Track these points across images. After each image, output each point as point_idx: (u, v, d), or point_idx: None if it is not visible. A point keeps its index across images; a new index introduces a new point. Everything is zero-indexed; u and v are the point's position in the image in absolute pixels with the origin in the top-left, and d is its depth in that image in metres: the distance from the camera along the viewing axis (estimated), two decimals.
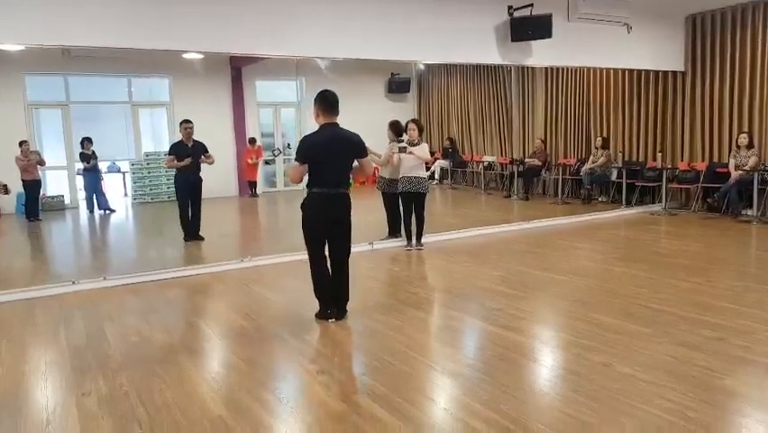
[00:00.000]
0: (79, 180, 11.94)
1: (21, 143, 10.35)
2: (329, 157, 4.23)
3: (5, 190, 9.59)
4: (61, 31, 5.33)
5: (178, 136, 7.94)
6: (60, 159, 12.25)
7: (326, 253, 4.47)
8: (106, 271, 6.27)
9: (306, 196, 4.34)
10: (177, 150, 7.68)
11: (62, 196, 12.15)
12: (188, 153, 7.61)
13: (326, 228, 4.36)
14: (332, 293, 4.50)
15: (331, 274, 4.49)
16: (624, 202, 10.06)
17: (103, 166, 12.22)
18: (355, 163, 4.44)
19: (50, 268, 7.19)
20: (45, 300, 5.29)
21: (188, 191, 7.71)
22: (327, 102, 4.30)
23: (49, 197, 11.81)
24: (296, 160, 4.33)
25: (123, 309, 5.03)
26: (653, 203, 9.98)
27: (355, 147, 4.38)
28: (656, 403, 3.01)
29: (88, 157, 11.13)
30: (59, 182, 12.33)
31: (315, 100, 4.33)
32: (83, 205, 11.82)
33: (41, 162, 10.69)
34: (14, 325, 4.67)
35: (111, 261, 7.55)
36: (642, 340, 3.92)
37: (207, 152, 7.83)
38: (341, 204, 4.35)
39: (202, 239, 7.83)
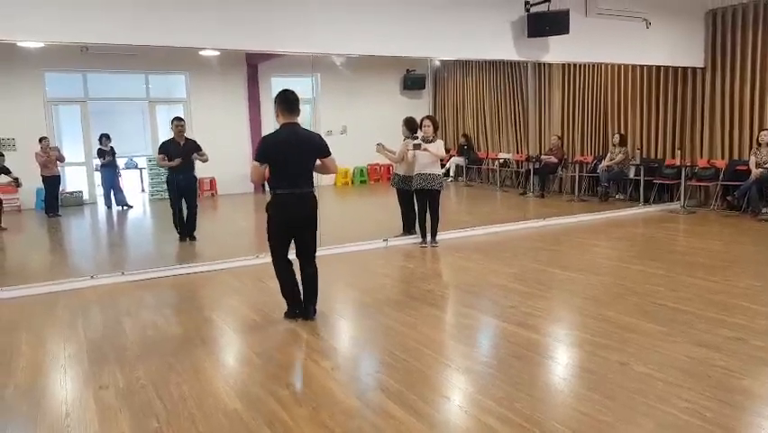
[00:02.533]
0: (97, 176, 12.08)
1: (40, 140, 10.49)
2: (289, 157, 4.17)
3: (17, 183, 9.75)
4: (80, 28, 5.39)
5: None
6: (79, 155, 12.40)
7: (292, 255, 4.41)
8: (124, 267, 6.34)
9: (270, 197, 4.30)
10: (167, 148, 7.46)
11: (81, 192, 12.30)
12: (179, 152, 7.41)
13: (291, 229, 4.31)
14: (303, 295, 4.46)
15: (301, 276, 4.46)
16: (642, 200, 9.95)
17: (120, 162, 12.35)
18: (318, 162, 4.37)
19: (69, 263, 7.30)
20: (64, 294, 5.37)
21: (180, 190, 7.52)
22: (288, 102, 4.26)
23: (67, 192, 11.96)
24: (255, 160, 4.25)
25: (141, 304, 5.09)
26: (672, 201, 9.85)
27: (316, 147, 4.33)
28: (673, 403, 2.98)
29: (105, 153, 11.26)
30: (77, 178, 12.49)
31: (275, 100, 4.30)
32: (101, 201, 11.97)
33: (61, 158, 10.83)
34: (35, 318, 4.75)
35: (128, 256, 7.64)
36: (659, 339, 3.88)
37: (201, 149, 7.63)
38: (306, 204, 4.29)
39: (194, 239, 7.68)
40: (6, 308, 5.02)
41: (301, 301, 4.46)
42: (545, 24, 7.43)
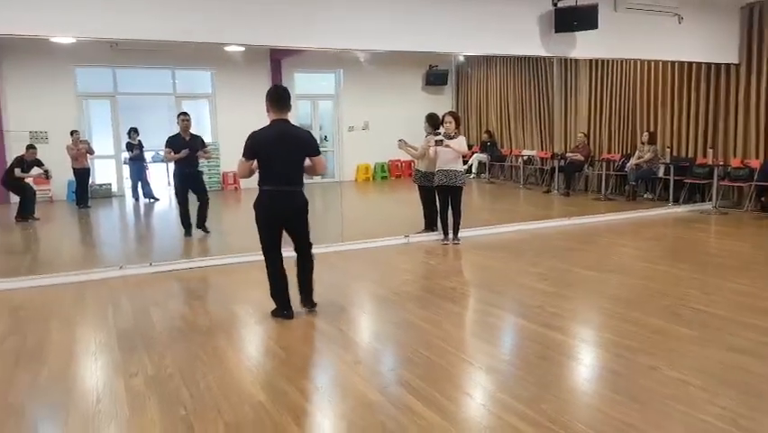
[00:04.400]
0: (126, 169, 12.28)
1: (71, 133, 10.74)
2: (278, 153, 4.14)
3: (47, 175, 9.97)
4: (110, 24, 5.48)
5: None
6: (108, 148, 12.63)
7: (282, 252, 4.38)
8: (151, 258, 6.44)
9: (258, 194, 4.26)
10: (173, 143, 7.53)
11: (110, 184, 12.54)
12: (185, 146, 7.47)
13: (279, 225, 4.27)
14: (299, 286, 4.46)
15: (296, 267, 4.44)
16: (671, 200, 9.75)
17: (148, 156, 12.53)
18: (307, 162, 4.34)
19: (98, 253, 7.44)
20: (94, 284, 5.47)
21: (187, 185, 7.58)
22: (278, 98, 4.23)
23: (97, 185, 12.20)
24: (242, 156, 4.22)
25: (168, 294, 5.17)
26: (703, 201, 9.64)
27: (305, 145, 4.29)
28: (706, 409, 2.91)
29: (134, 146, 11.45)
30: (107, 171, 12.72)
31: (266, 95, 4.27)
32: (129, 193, 12.17)
33: (90, 151, 11.05)
34: (66, 306, 4.85)
35: (156, 247, 7.75)
36: (690, 343, 3.80)
37: (206, 145, 7.74)
38: (291, 201, 4.24)
39: (207, 232, 7.75)
40: (39, 295, 5.14)
41: (290, 302, 4.40)
42: (573, 19, 7.31)
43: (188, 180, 7.61)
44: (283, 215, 4.28)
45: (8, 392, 3.24)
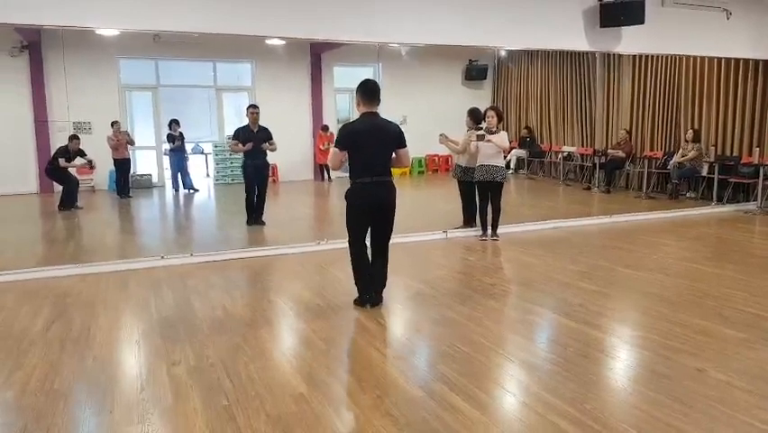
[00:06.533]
0: (166, 160, 12.53)
1: (112, 124, 10.98)
2: (368, 145, 4.24)
3: (91, 165, 10.24)
4: (153, 16, 5.59)
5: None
6: (149, 139, 12.90)
7: (368, 240, 4.47)
8: (192, 248, 6.55)
9: (349, 186, 4.35)
10: (241, 134, 7.66)
11: (150, 175, 12.81)
12: (252, 138, 7.59)
13: (370, 216, 4.37)
14: (369, 279, 4.52)
15: (371, 259, 4.50)
16: (715, 199, 9.47)
17: (188, 147, 12.75)
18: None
19: (140, 242, 7.62)
20: (137, 273, 5.60)
21: (255, 175, 7.73)
22: (368, 91, 4.33)
23: (138, 175, 12.48)
24: (335, 146, 4.34)
25: (209, 284, 5.25)
26: (747, 201, 9.33)
27: (394, 137, 4.36)
28: (755, 414, 2.83)
29: (175, 138, 11.66)
30: (148, 161, 13.00)
31: (356, 89, 4.37)
32: (169, 184, 12.41)
33: (131, 142, 11.28)
34: (110, 294, 4.98)
35: (196, 238, 7.89)
36: (737, 345, 3.69)
37: (272, 138, 7.79)
38: (384, 191, 4.33)
39: (263, 224, 7.86)
40: (83, 283, 5.29)
41: (372, 290, 4.49)
42: (619, 14, 7.17)
43: (257, 172, 7.73)
44: (377, 204, 4.35)
45: (54, 379, 3.33)
